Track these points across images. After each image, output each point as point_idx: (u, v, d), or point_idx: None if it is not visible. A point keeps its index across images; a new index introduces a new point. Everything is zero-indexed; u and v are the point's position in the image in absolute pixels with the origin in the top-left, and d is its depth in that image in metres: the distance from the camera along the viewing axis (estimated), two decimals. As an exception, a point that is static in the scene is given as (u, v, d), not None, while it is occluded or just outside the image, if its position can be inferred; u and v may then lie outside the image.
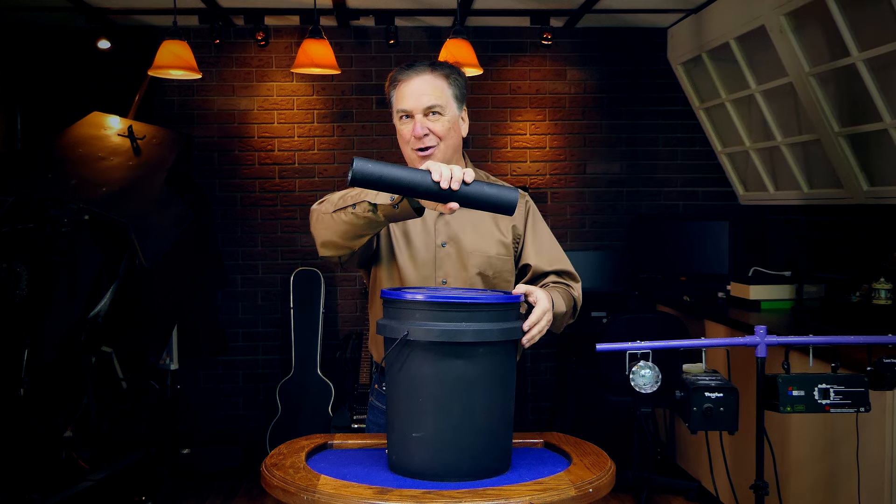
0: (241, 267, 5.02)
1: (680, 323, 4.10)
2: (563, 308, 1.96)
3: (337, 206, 1.80)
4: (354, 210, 1.76)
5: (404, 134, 2.01)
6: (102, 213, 3.66)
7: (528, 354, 5.04)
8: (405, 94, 2.00)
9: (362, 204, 1.74)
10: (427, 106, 1.98)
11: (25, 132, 4.82)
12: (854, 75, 3.51)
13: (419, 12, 4.72)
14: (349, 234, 1.82)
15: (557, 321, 1.95)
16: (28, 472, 3.60)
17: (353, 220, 1.78)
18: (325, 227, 1.85)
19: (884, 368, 2.29)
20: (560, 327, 2.02)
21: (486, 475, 1.63)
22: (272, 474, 1.62)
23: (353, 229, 1.81)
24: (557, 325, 1.98)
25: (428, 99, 1.98)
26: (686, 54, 4.77)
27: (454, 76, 2.04)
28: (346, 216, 1.78)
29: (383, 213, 1.73)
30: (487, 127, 5.05)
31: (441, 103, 1.99)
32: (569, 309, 2.03)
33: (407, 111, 1.99)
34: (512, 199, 1.69)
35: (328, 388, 4.74)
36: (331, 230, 1.84)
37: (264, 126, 4.99)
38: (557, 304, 1.92)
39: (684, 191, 5.15)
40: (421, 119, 1.98)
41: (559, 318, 1.95)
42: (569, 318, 2.06)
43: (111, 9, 4.49)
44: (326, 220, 1.84)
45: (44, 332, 3.56)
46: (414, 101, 1.98)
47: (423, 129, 1.98)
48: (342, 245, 1.87)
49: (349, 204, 1.77)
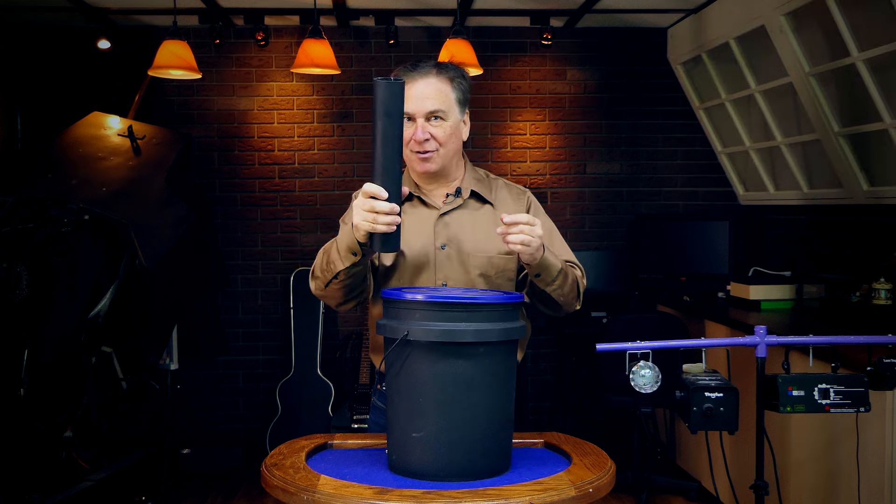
0: (241, 267, 5.02)
1: (680, 323, 4.10)
2: (557, 265, 1.92)
3: (326, 281, 1.95)
4: (338, 280, 1.92)
5: (405, 137, 2.00)
6: (102, 213, 3.66)
7: (528, 354, 5.04)
8: (408, 97, 1.97)
9: (339, 275, 1.90)
10: (430, 111, 1.98)
11: (25, 132, 4.82)
12: (854, 75, 3.51)
13: (419, 12, 4.72)
14: (347, 293, 1.97)
15: (553, 278, 1.92)
16: (28, 472, 3.60)
17: (342, 285, 1.93)
18: (328, 299, 2.02)
19: (884, 368, 2.29)
20: (563, 297, 1.98)
21: (486, 475, 1.63)
22: (272, 474, 1.62)
23: (348, 288, 1.95)
24: (559, 292, 1.95)
25: (431, 104, 1.98)
26: (686, 54, 4.77)
27: (459, 79, 2.03)
28: (336, 286, 1.94)
29: (354, 268, 1.88)
30: (487, 127, 5.05)
31: (444, 108, 1.99)
32: (571, 277, 1.99)
33: (409, 114, 1.97)
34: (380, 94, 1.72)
35: (328, 388, 4.74)
36: (335, 299, 2.00)
37: (264, 126, 4.99)
38: (553, 259, 1.92)
39: (684, 191, 5.15)
40: (423, 123, 1.98)
41: (552, 271, 1.91)
42: (572, 292, 2.01)
43: (111, 9, 4.49)
44: (324, 294, 2.00)
45: (44, 332, 3.56)
46: (417, 105, 1.97)
47: (425, 133, 1.98)
48: (353, 299, 2.00)
49: (330, 279, 1.93)
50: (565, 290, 1.98)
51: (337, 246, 1.88)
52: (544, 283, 1.93)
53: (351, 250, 1.83)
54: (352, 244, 1.82)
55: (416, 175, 2.10)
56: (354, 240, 1.80)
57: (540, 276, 1.92)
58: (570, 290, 2.00)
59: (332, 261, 1.89)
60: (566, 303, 2.01)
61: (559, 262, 1.94)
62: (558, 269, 1.93)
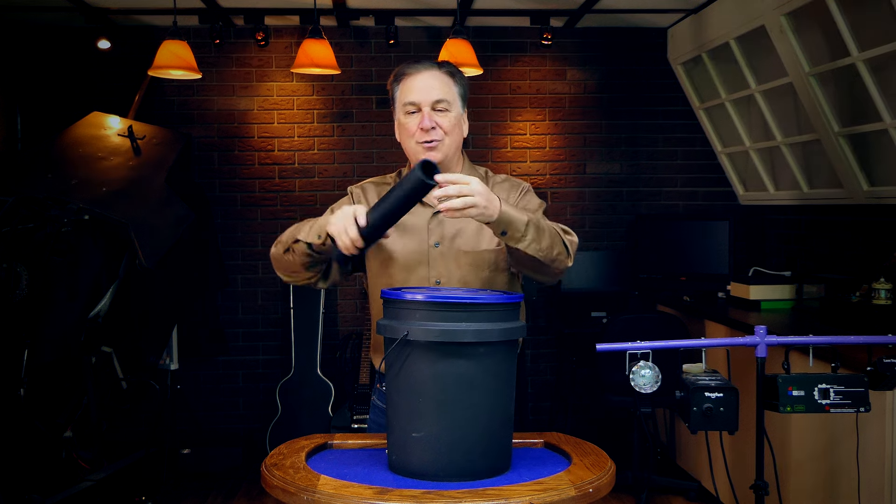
0: (241, 267, 5.02)
1: (680, 323, 4.10)
2: (522, 218, 1.80)
3: (286, 246, 2.00)
4: (294, 248, 1.96)
5: (409, 127, 2.02)
6: (103, 213, 3.66)
7: (528, 354, 5.04)
8: (413, 88, 2.02)
9: (298, 244, 1.94)
10: (435, 99, 2.01)
11: (25, 132, 4.82)
12: (854, 75, 3.51)
13: (419, 12, 4.72)
14: (297, 267, 2.01)
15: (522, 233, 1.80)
16: (28, 472, 3.60)
17: (295, 259, 1.99)
18: (279, 266, 2.07)
19: (884, 368, 2.29)
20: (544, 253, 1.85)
21: (486, 475, 1.63)
22: (272, 474, 1.62)
23: (299, 263, 2.00)
24: (536, 247, 1.83)
25: (437, 93, 2.01)
26: (686, 54, 4.77)
27: (459, 76, 2.08)
28: (290, 256, 1.99)
29: (316, 249, 1.93)
30: (487, 127, 5.05)
31: (448, 98, 2.03)
32: (547, 230, 1.87)
33: (415, 103, 2.01)
34: (415, 177, 1.73)
35: (328, 388, 4.74)
36: (283, 267, 2.06)
37: (264, 126, 4.99)
38: (515, 212, 1.79)
39: (684, 191, 5.15)
40: (429, 112, 2.01)
41: (518, 224, 1.79)
42: (554, 246, 1.89)
43: (111, 9, 4.49)
44: (279, 259, 2.05)
45: (44, 332, 3.56)
46: (423, 95, 2.01)
47: (431, 121, 2.00)
48: (298, 276, 2.06)
49: (290, 244, 1.98)
50: (543, 245, 1.85)
51: (312, 224, 1.95)
52: (515, 241, 1.81)
53: (318, 234, 1.90)
54: (322, 231, 1.89)
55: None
56: (325, 230, 1.87)
57: (507, 234, 1.80)
58: (551, 245, 1.87)
59: (300, 229, 1.97)
60: (552, 259, 1.88)
61: (524, 215, 1.81)
62: (524, 222, 1.80)
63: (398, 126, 2.08)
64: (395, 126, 2.10)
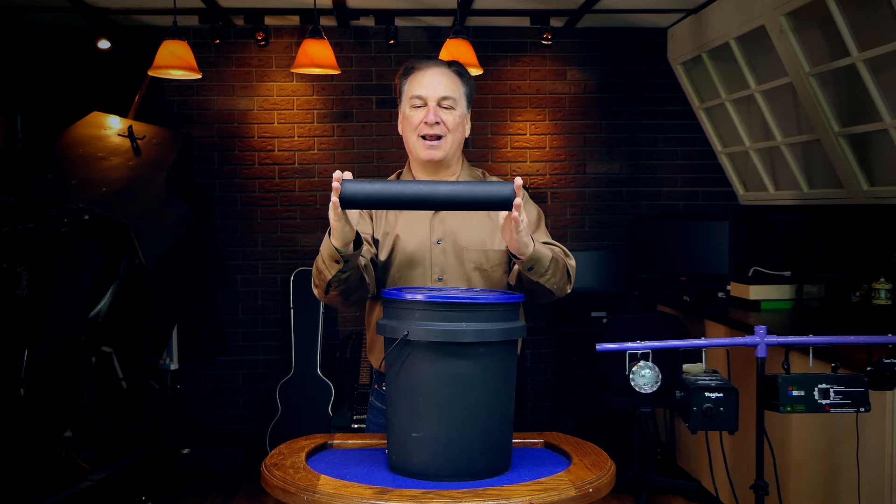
0: (241, 267, 5.02)
1: (680, 323, 4.10)
2: (548, 254, 1.90)
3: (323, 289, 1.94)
4: (332, 288, 1.91)
5: (413, 120, 2.04)
6: (103, 213, 3.66)
7: (528, 354, 5.04)
8: (422, 82, 2.04)
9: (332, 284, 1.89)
10: (442, 95, 2.03)
11: (25, 132, 4.82)
12: (854, 75, 3.51)
13: (419, 12, 4.72)
14: (346, 296, 1.96)
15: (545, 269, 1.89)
16: (28, 472, 3.60)
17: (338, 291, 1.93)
18: (336, 304, 2.03)
19: (884, 368, 2.29)
20: (556, 285, 1.95)
21: (486, 475, 1.63)
22: (272, 474, 1.62)
23: (345, 293, 1.95)
24: (552, 281, 1.92)
25: (445, 89, 2.04)
26: (686, 54, 4.77)
27: (467, 77, 2.11)
28: (333, 293, 1.94)
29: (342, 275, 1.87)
30: (487, 127, 5.05)
31: (455, 97, 2.05)
32: (561, 263, 1.97)
33: (422, 97, 2.03)
34: (504, 193, 1.69)
35: (328, 388, 4.75)
36: (338, 304, 2.02)
37: (264, 126, 4.99)
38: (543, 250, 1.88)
39: (684, 191, 5.15)
40: (435, 107, 2.03)
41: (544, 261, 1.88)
42: (563, 277, 1.99)
43: (111, 9, 4.49)
44: (330, 300, 1.99)
45: (44, 332, 3.56)
46: (431, 89, 2.03)
47: (436, 116, 2.02)
48: (356, 300, 2.01)
49: (326, 288, 1.92)
50: (557, 278, 1.95)
51: (321, 257, 1.89)
52: (538, 276, 1.90)
53: (333, 258, 1.83)
54: (332, 252, 1.82)
55: (417, 166, 2.12)
56: (333, 247, 1.81)
57: (533, 269, 1.89)
58: (562, 276, 1.98)
59: (321, 271, 1.90)
60: (559, 289, 1.99)
61: (549, 251, 1.91)
62: (549, 258, 1.90)
63: (402, 119, 2.09)
64: (399, 119, 2.11)
